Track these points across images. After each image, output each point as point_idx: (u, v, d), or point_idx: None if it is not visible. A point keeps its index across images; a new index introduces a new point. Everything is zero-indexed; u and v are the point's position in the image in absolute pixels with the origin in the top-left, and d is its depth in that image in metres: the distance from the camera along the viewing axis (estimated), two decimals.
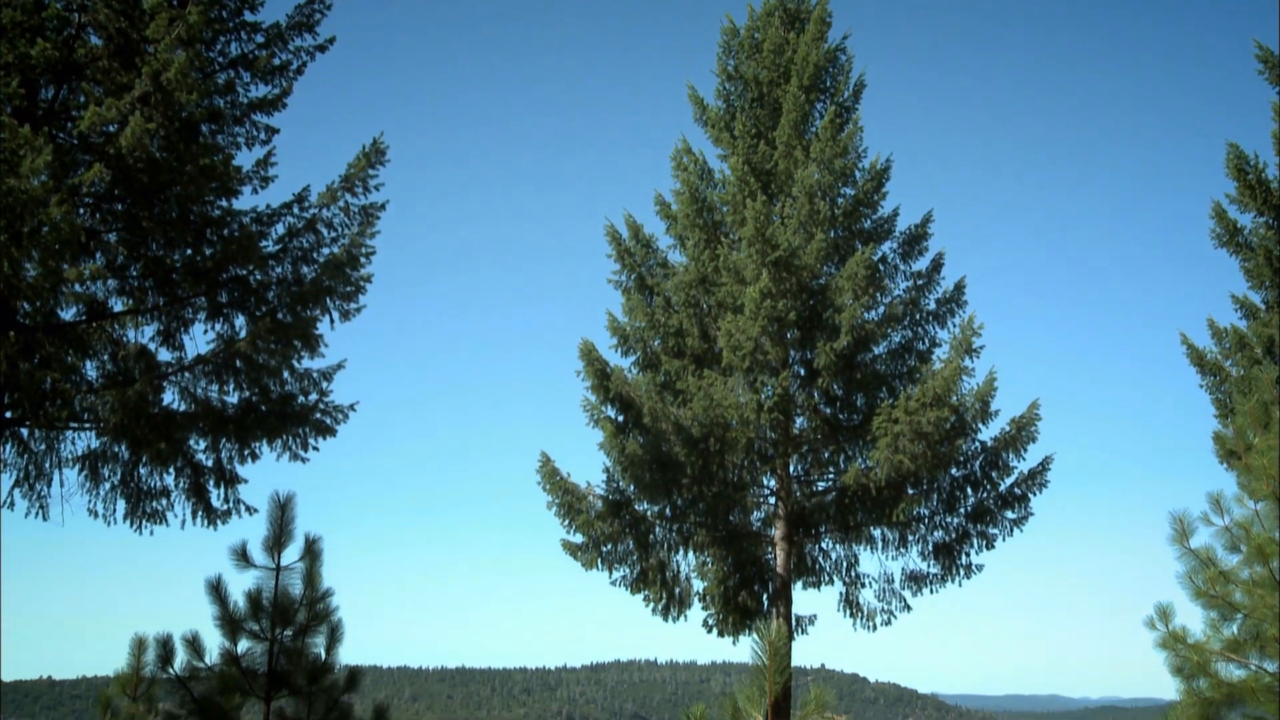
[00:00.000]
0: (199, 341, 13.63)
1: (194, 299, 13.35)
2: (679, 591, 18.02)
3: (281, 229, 13.77)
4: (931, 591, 18.07)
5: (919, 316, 18.61)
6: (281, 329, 13.20)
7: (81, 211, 12.18)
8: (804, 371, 18.15)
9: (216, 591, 7.83)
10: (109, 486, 13.48)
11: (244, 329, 13.46)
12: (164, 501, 13.63)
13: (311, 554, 8.04)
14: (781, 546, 17.61)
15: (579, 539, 17.91)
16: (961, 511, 17.76)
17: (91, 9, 12.26)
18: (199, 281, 13.08)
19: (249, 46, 13.68)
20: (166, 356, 13.44)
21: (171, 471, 13.55)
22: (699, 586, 18.08)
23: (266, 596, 7.90)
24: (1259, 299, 17.08)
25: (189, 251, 13.14)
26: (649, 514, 17.97)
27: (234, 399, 13.45)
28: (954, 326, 18.32)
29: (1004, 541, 17.85)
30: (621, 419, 17.94)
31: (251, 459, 13.65)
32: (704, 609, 18.01)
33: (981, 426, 17.41)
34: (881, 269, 18.68)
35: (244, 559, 7.91)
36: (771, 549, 17.86)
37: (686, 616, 18.07)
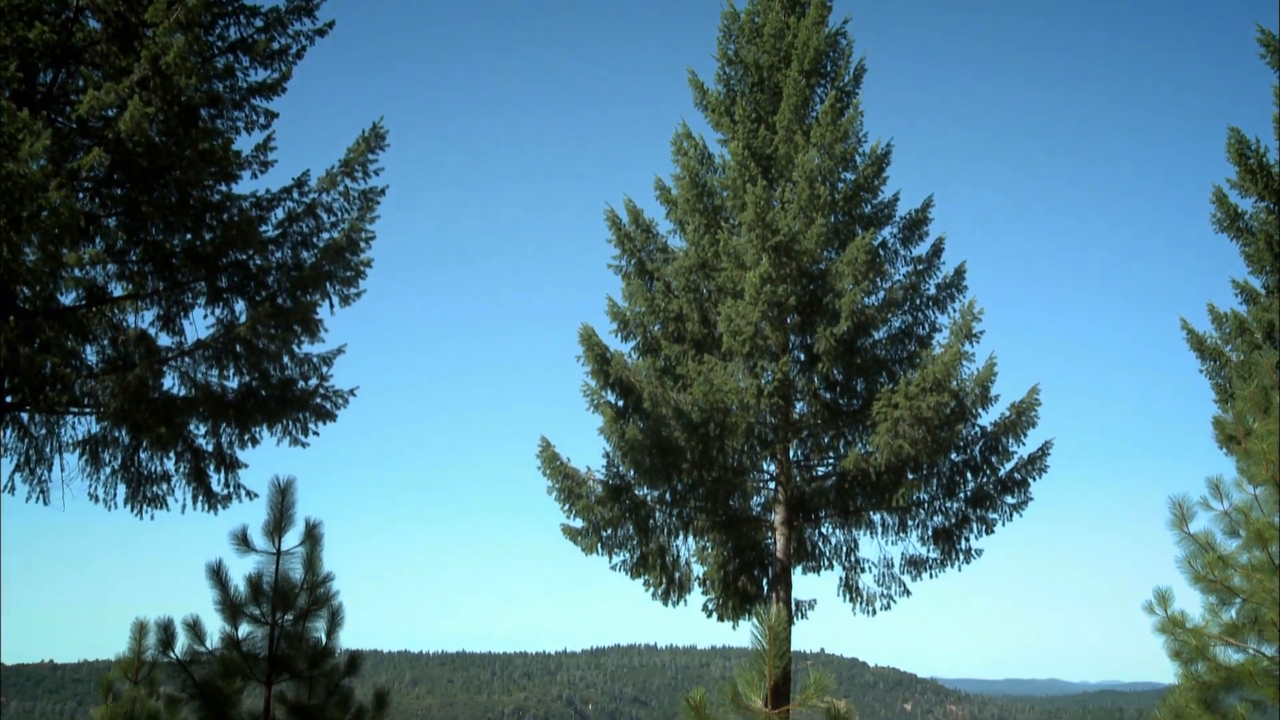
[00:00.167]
0: (199, 326, 13.67)
1: (194, 284, 13.34)
2: (679, 576, 18.05)
3: (281, 214, 13.76)
4: (931, 576, 18.11)
5: (919, 301, 18.58)
6: (281, 314, 13.20)
7: (81, 196, 12.16)
8: (804, 356, 18.14)
9: (217, 576, 7.85)
10: (109, 471, 13.51)
11: (244, 314, 13.47)
12: (164, 486, 13.66)
13: (312, 539, 8.05)
14: (781, 531, 17.62)
15: (579, 524, 17.93)
16: (961, 496, 17.78)
17: None
18: (199, 266, 13.07)
19: (248, 30, 13.64)
20: (166, 341, 13.47)
21: (172, 456, 13.57)
22: (699, 571, 18.11)
23: (267, 581, 7.92)
24: (1259, 284, 17.07)
25: (189, 236, 13.13)
26: (649, 499, 17.99)
27: (234, 384, 13.48)
28: (954, 311, 18.31)
29: (1003, 526, 17.89)
30: (621, 404, 17.95)
31: (252, 444, 13.69)
32: (704, 594, 18.03)
33: (981, 411, 17.43)
34: (882, 254, 18.65)
35: (245, 544, 7.92)
36: (771, 534, 17.88)
37: (686, 601, 18.11)
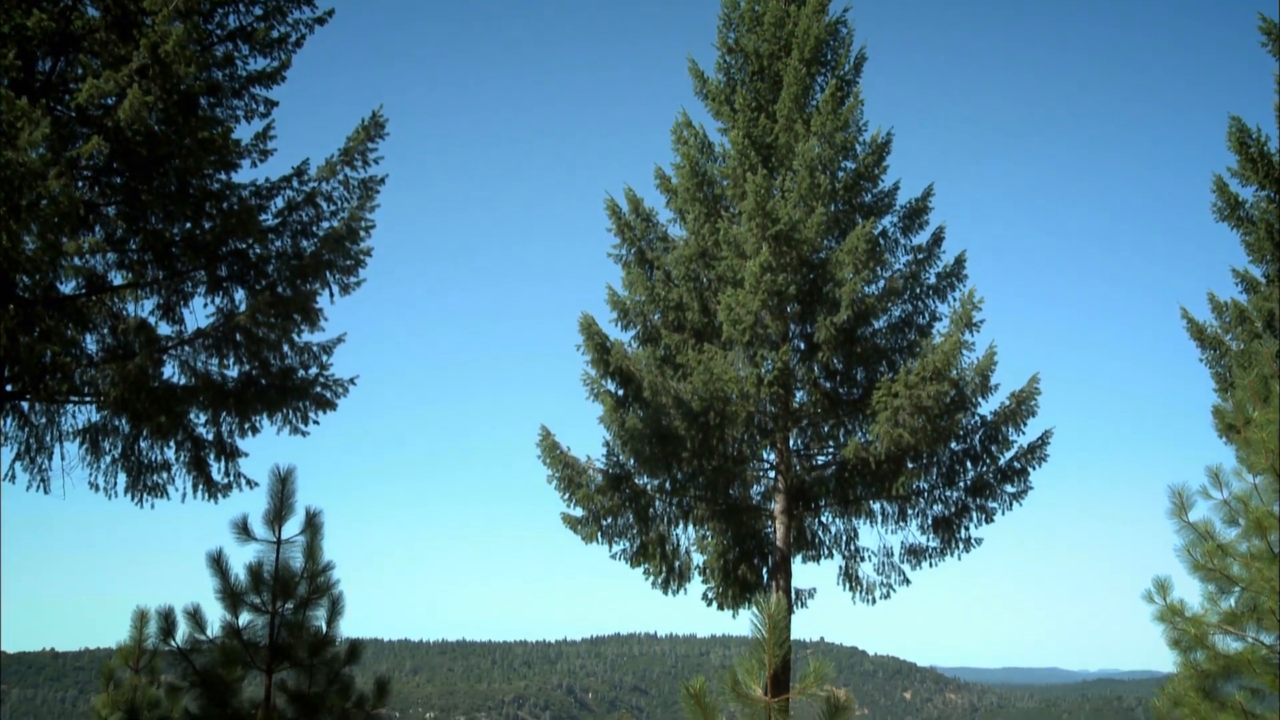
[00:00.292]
0: (199, 315, 13.67)
1: (193, 272, 13.32)
2: (679, 565, 18.08)
3: (281, 202, 13.72)
4: (930, 565, 18.14)
5: (919, 290, 18.58)
6: (281, 303, 13.18)
7: (80, 184, 12.13)
8: (804, 345, 18.14)
9: (218, 565, 7.85)
10: (110, 460, 13.51)
11: (244, 303, 13.43)
12: (165, 475, 13.65)
13: (312, 527, 8.06)
14: (781, 520, 17.64)
15: (579, 512, 17.95)
16: (961, 485, 17.81)
17: None
18: (198, 255, 13.04)
19: (247, 19, 13.57)
20: (166, 330, 13.44)
21: (172, 445, 13.56)
22: (699, 560, 18.13)
23: (267, 570, 7.93)
24: (1259, 273, 17.04)
25: (188, 225, 13.10)
26: (649, 488, 18.00)
27: (234, 373, 13.45)
28: (954, 300, 18.30)
29: (1003, 515, 17.95)
30: (621, 393, 17.95)
31: (252, 432, 13.68)
32: (704, 582, 18.06)
33: (981, 400, 17.45)
34: (882, 243, 18.63)
35: (245, 532, 7.92)
36: (771, 523, 17.90)
37: (686, 590, 18.15)
